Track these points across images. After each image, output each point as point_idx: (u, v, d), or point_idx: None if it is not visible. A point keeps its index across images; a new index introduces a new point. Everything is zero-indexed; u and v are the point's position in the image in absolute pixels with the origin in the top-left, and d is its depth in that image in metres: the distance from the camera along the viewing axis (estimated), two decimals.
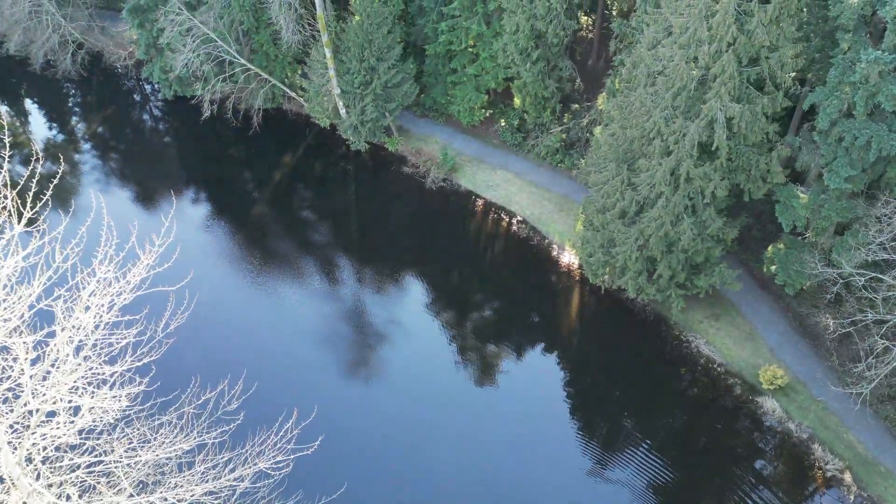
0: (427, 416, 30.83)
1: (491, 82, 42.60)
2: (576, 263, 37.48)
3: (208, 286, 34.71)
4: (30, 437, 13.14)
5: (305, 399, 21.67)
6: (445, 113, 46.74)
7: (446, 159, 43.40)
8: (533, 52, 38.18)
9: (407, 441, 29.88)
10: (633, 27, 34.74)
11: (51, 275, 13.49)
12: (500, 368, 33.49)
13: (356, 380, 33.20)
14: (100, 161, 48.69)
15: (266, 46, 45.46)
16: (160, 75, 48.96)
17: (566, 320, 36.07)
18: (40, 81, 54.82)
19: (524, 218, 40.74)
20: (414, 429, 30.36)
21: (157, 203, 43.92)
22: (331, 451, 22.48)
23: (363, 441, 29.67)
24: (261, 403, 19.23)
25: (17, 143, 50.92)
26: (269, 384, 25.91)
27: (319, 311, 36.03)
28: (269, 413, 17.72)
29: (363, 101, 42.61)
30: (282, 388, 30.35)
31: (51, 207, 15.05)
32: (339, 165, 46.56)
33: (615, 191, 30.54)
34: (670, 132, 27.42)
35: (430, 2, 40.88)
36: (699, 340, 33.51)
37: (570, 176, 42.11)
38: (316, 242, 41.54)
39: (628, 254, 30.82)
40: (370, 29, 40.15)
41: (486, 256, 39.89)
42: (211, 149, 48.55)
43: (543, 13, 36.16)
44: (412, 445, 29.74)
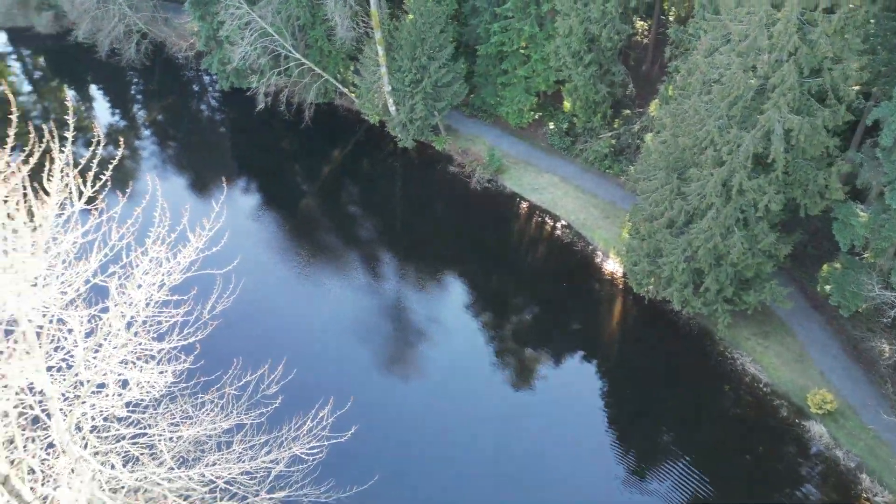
0: (461, 415, 30.81)
1: (541, 84, 42.37)
2: (619, 272, 36.90)
3: (254, 272, 35.49)
4: (80, 406, 13.69)
5: (341, 389, 21.87)
6: (494, 114, 46.71)
7: (493, 160, 43.34)
8: (585, 56, 37.78)
9: (439, 438, 29.92)
10: (689, 33, 34.03)
11: (107, 252, 14.01)
12: (538, 373, 33.20)
13: (392, 374, 33.42)
14: (157, 147, 50.40)
15: (321, 42, 46.29)
16: (218, 67, 50.40)
17: (607, 329, 35.51)
18: (105, 68, 57.11)
19: (569, 223, 40.34)
20: (447, 426, 30.38)
21: (209, 189, 45.16)
22: (363, 442, 22.70)
23: (396, 435, 29.84)
24: (298, 390, 19.53)
25: (81, 126, 53.12)
26: (307, 371, 26.27)
27: (360, 304, 36.43)
28: (305, 399, 18.02)
29: (413, 99, 42.92)
30: (319, 376, 30.78)
31: (109, 188, 15.62)
32: (386, 162, 47.02)
33: (664, 199, 29.95)
34: (724, 142, 26.73)
35: (484, 2, 40.92)
36: (745, 358, 32.54)
37: (617, 182, 41.52)
38: (360, 237, 42.04)
39: (675, 265, 30.18)
40: (423, 28, 40.42)
41: (528, 259, 39.63)
42: (263, 140, 49.68)
43: (598, 17, 35.75)
44: (444, 443, 29.76)
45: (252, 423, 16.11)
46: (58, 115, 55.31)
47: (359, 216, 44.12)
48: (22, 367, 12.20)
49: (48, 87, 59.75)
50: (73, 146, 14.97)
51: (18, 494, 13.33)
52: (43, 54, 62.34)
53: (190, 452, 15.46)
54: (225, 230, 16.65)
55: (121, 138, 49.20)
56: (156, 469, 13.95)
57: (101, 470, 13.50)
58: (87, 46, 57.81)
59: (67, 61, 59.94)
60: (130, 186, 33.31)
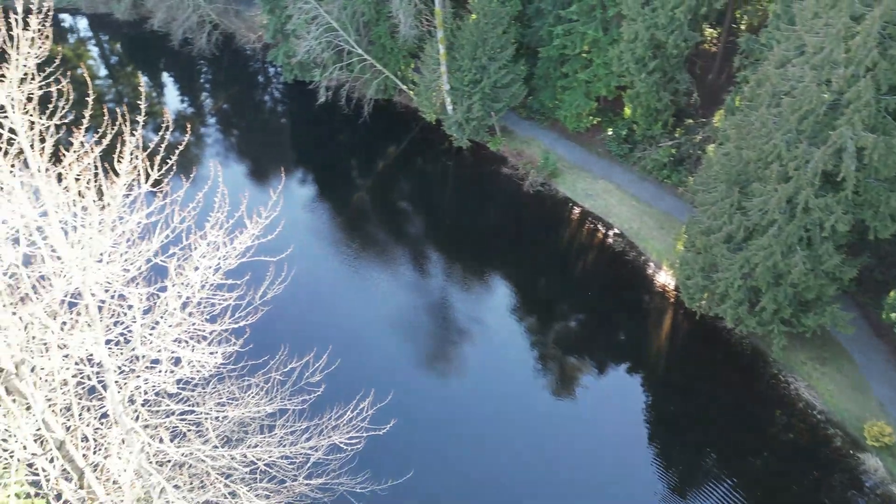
0: (499, 418, 30.67)
1: (602, 90, 41.70)
2: (671, 284, 36.00)
3: (305, 262, 36.24)
4: (134, 379, 14.26)
5: (383, 382, 22.09)
6: (551, 117, 46.27)
7: (547, 163, 42.94)
8: (650, 62, 36.98)
9: (476, 440, 29.88)
10: (761, 43, 32.88)
11: (168, 233, 14.54)
12: (580, 381, 32.75)
13: (433, 371, 33.56)
14: (221, 134, 52.02)
15: (384, 39, 46.81)
16: (283, 59, 51.63)
17: (655, 342, 34.68)
18: (177, 57, 59.25)
19: (622, 231, 39.60)
20: (484, 428, 30.31)
21: (268, 178, 46.36)
22: (401, 437, 22.89)
23: (433, 432, 29.96)
24: (341, 379, 19.83)
25: (152, 111, 55.40)
26: (350, 363, 26.61)
27: (406, 299, 36.70)
28: (347, 390, 18.27)
29: (471, 98, 42.93)
30: (362, 368, 31.12)
31: (175, 172, 16.18)
32: (440, 160, 47.20)
33: (723, 213, 29.03)
34: (791, 157, 25.71)
35: (549, 4, 40.54)
36: (799, 383, 31.26)
37: (675, 193, 40.51)
38: (410, 233, 42.36)
39: (730, 281, 29.23)
40: (485, 28, 40.36)
41: (577, 266, 39.09)
42: (322, 133, 50.60)
43: (665, 23, 34.92)
44: (481, 444, 29.69)
45: (294, 409, 16.44)
46: (130, 99, 57.84)
47: (410, 213, 44.47)
48: (83, 338, 12.78)
49: (123, 72, 62.51)
50: (143, 130, 15.59)
51: (72, 460, 13.99)
52: (120, 40, 65.21)
53: (234, 433, 15.90)
54: (280, 219, 17.01)
55: (188, 125, 51.15)
56: (201, 446, 14.41)
57: (150, 443, 14.03)
58: (161, 35, 60.12)
59: (142, 48, 62.49)
60: (194, 171, 34.59)
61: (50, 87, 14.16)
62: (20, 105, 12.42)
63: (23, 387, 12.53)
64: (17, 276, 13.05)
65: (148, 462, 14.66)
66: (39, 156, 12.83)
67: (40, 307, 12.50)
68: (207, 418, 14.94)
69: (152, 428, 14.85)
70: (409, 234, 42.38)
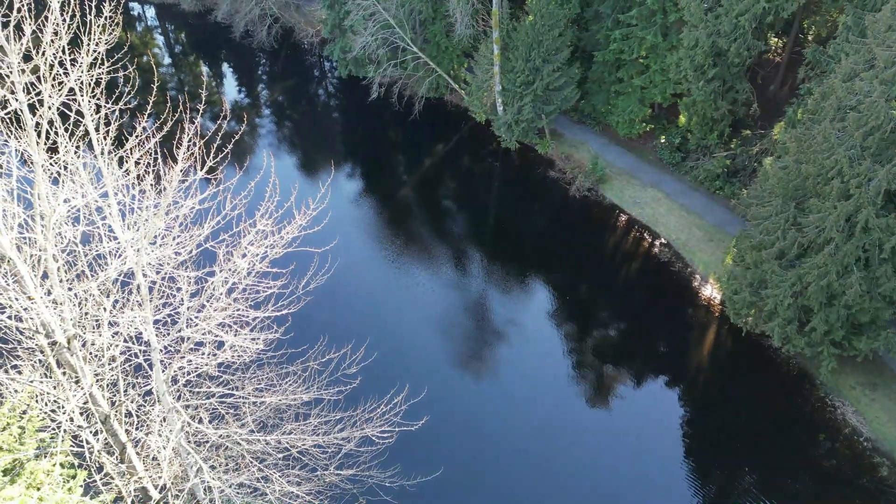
0: (531, 422, 30.48)
1: (657, 96, 40.89)
2: (717, 299, 35.06)
3: (350, 255, 36.74)
4: (179, 360, 14.74)
5: (417, 379, 22.26)
6: (603, 122, 45.62)
7: (596, 168, 42.37)
8: (709, 70, 36.03)
9: (508, 442, 29.77)
10: (829, 55, 31.67)
11: (219, 220, 14.96)
12: (617, 391, 32.25)
13: (468, 371, 33.56)
14: (275, 126, 53.16)
15: (439, 37, 47.00)
16: (339, 55, 52.40)
17: (697, 356, 33.85)
18: (238, 48, 60.82)
19: (669, 241, 38.77)
20: (517, 432, 30.16)
21: (318, 170, 47.22)
22: (433, 434, 23.00)
23: (466, 431, 29.98)
24: (377, 373, 20.04)
25: (211, 100, 57.06)
26: (387, 357, 27.00)
27: (446, 297, 36.81)
28: (382, 384, 18.46)
29: (522, 100, 42.70)
30: (398, 363, 31.42)
31: (229, 161, 16.62)
32: (487, 161, 47.13)
33: (777, 228, 28.10)
34: (854, 174, 24.69)
35: (608, 8, 39.94)
36: (847, 408, 30.04)
37: (727, 205, 39.42)
38: (453, 232, 42.43)
39: (780, 299, 28.28)
40: (542, 30, 40.04)
41: (620, 274, 38.42)
42: (372, 129, 51.17)
43: (728, 30, 33.96)
44: (512, 448, 29.58)
45: (330, 399, 16.71)
46: (191, 87, 59.68)
47: (455, 212, 44.56)
48: (133, 317, 13.28)
49: (186, 61, 64.52)
50: (201, 119, 16.06)
51: (115, 434, 14.56)
52: (185, 30, 67.34)
53: (270, 418, 16.27)
54: (327, 212, 17.33)
55: (244, 115, 52.49)
56: (238, 429, 14.80)
57: (190, 423, 14.48)
58: (224, 26, 61.82)
59: (205, 38, 64.38)
60: (248, 161, 35.43)
61: (117, 73, 14.73)
62: (88, 88, 12.98)
63: (74, 360, 13.11)
64: (75, 253, 13.64)
65: (187, 441, 15.13)
66: (103, 139, 13.38)
67: (95, 284, 13.04)
68: (245, 402, 15.33)
69: (193, 408, 15.32)
70: (453, 232, 42.47)
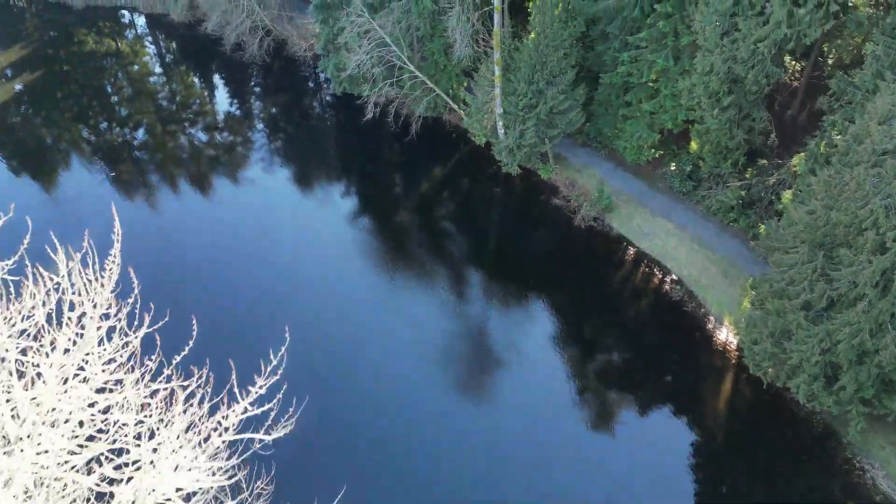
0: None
1: (668, 122, 38.60)
2: (734, 343, 32.77)
3: (342, 280, 34.84)
4: None
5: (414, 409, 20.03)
6: (609, 146, 43.33)
7: (602, 197, 40.06)
8: (724, 98, 33.77)
9: (508, 473, 27.71)
10: (855, 85, 29.41)
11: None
12: (623, 442, 29.93)
13: (461, 407, 31.27)
14: (266, 143, 50.76)
15: (437, 55, 44.71)
16: (333, 71, 50.07)
17: (712, 406, 31.47)
18: (229, 61, 58.46)
19: (680, 278, 36.46)
20: (517, 461, 28.13)
21: (311, 188, 45.70)
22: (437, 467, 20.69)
23: (464, 463, 27.86)
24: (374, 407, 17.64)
25: (202, 111, 54.89)
26: (381, 384, 24.74)
27: (437, 332, 34.70)
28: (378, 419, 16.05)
29: (524, 124, 40.41)
30: (391, 392, 29.26)
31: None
32: (486, 184, 44.83)
33: (803, 278, 25.82)
34: (891, 226, 22.43)
35: (615, 28, 37.63)
36: (877, 471, 27.75)
37: (742, 238, 37.14)
38: (449, 263, 40.08)
39: (807, 355, 25.99)
40: (545, 51, 37.74)
41: (629, 314, 36.02)
42: (367, 147, 48.89)
43: (745, 57, 31.68)
44: (513, 479, 27.53)
45: None
46: (182, 97, 57.46)
47: (450, 236, 42.26)
48: None
49: (177, 70, 62.18)
50: (191, 129, 13.41)
51: None
52: (175, 40, 64.98)
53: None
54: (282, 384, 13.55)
55: (236, 128, 50.27)
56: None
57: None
58: (214, 38, 59.48)
59: (195, 50, 62.01)
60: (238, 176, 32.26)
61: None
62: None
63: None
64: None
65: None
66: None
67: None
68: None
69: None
70: (449, 263, 40.14)
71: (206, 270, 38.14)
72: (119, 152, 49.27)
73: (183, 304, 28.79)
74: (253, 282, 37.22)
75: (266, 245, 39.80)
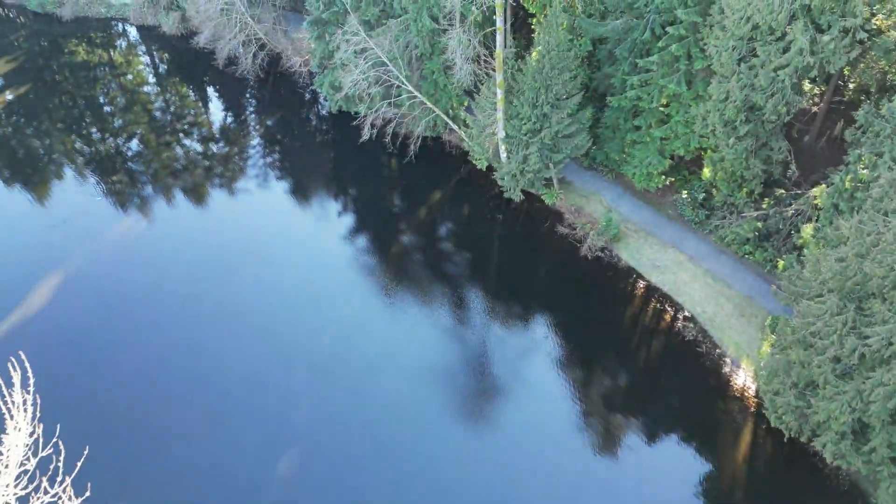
0: (535, 476, 26.27)
1: (680, 149, 36.64)
2: (753, 389, 30.78)
3: (338, 305, 32.98)
4: None
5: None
6: (617, 171, 41.36)
7: (609, 226, 38.09)
8: (741, 127, 31.79)
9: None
10: (884, 118, 27.45)
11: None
12: (631, 493, 27.94)
13: (454, 454, 29.35)
14: (259, 162, 48.81)
15: (436, 74, 42.73)
16: (328, 89, 48.16)
17: (729, 458, 29.41)
18: (222, 76, 56.54)
19: (693, 315, 34.46)
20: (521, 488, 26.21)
21: (305, 207, 44.36)
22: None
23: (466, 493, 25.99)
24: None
25: (197, 122, 53.05)
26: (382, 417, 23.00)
27: (435, 359, 33.02)
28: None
29: (528, 149, 38.45)
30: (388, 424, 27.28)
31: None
32: (487, 208, 42.83)
33: (832, 331, 23.83)
34: None
35: (624, 51, 35.63)
36: None
37: (758, 272, 35.17)
38: (446, 287, 38.06)
39: (835, 413, 24.00)
40: (550, 74, 35.77)
41: (639, 354, 33.99)
42: (364, 167, 47.01)
43: (765, 85, 29.71)
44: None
45: None
46: (176, 108, 55.62)
47: (448, 261, 40.30)
48: None
49: (169, 81, 60.23)
50: (186, 140, 11.66)
51: None
52: (167, 52, 63.05)
53: None
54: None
55: (227, 145, 48.41)
56: None
57: None
58: (206, 52, 57.56)
59: (188, 62, 60.08)
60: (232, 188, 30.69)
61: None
62: None
63: None
64: None
65: None
66: None
67: None
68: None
69: None
70: (445, 283, 38.18)
71: (186, 290, 36.52)
72: (111, 162, 47.79)
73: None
74: (240, 308, 35.49)
75: (256, 267, 38.23)
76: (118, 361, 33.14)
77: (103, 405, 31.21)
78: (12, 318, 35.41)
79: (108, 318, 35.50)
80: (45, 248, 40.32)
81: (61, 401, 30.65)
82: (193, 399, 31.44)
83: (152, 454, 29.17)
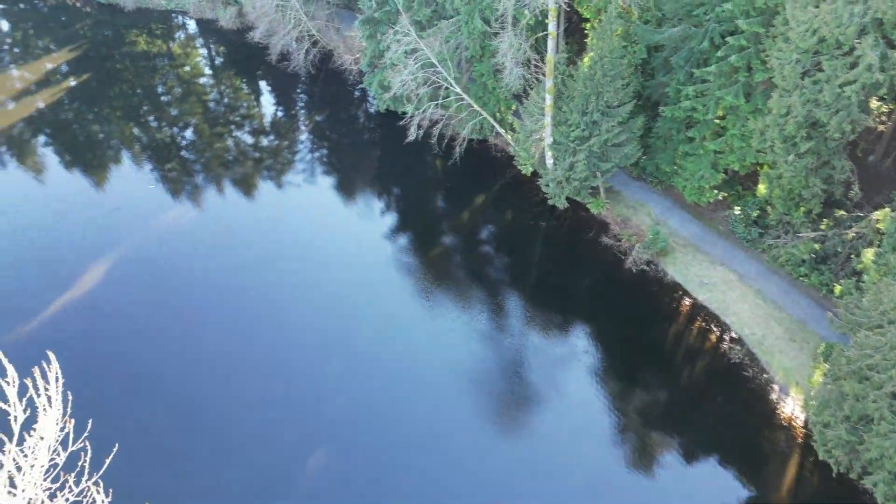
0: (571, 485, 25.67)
1: (734, 163, 35.34)
2: (801, 418, 29.44)
3: (377, 304, 33.46)
4: None
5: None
6: (667, 182, 40.20)
7: (657, 239, 37.04)
8: (802, 143, 30.41)
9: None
10: None
11: None
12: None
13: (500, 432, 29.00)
14: (307, 157, 49.35)
15: (486, 77, 42.34)
16: (377, 89, 48.30)
17: (772, 491, 28.18)
18: (274, 71, 57.41)
19: (740, 336, 33.19)
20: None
21: (349, 203, 44.79)
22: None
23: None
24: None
25: (249, 115, 54.00)
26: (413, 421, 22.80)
27: (473, 351, 33.12)
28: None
29: (575, 156, 37.68)
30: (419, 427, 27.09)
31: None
32: (531, 214, 42.23)
33: (891, 366, 22.53)
34: None
35: (680, 59, 34.52)
36: None
37: (813, 296, 33.65)
38: (486, 288, 37.75)
39: (890, 452, 22.70)
40: (602, 81, 34.94)
41: (682, 375, 32.88)
42: (408, 166, 47.05)
43: (829, 101, 28.31)
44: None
45: None
46: (230, 100, 56.71)
47: (489, 266, 39.92)
48: None
49: (224, 73, 61.45)
50: (237, 131, 11.60)
51: None
52: (223, 45, 64.35)
53: None
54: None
55: (276, 138, 49.03)
56: None
57: None
58: (261, 47, 58.51)
59: (243, 56, 61.19)
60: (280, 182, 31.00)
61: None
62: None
63: None
64: None
65: None
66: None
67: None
68: None
69: None
70: (484, 288, 37.82)
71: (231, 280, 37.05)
72: (166, 150, 49.10)
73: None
74: (282, 299, 35.85)
75: (300, 261, 38.91)
76: (156, 348, 33.92)
77: (141, 390, 31.99)
78: (58, 303, 36.60)
79: (152, 305, 36.37)
80: (99, 231, 41.58)
81: (101, 383, 31.60)
82: (234, 386, 31.94)
83: (190, 441, 29.73)
